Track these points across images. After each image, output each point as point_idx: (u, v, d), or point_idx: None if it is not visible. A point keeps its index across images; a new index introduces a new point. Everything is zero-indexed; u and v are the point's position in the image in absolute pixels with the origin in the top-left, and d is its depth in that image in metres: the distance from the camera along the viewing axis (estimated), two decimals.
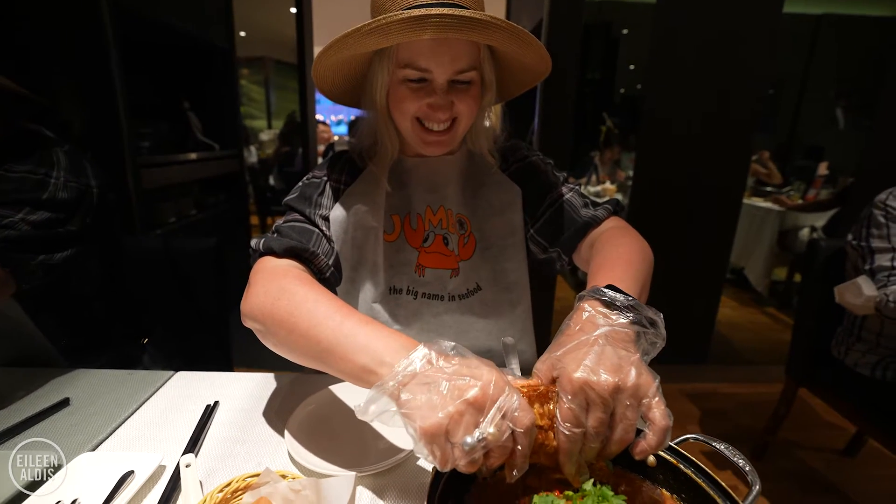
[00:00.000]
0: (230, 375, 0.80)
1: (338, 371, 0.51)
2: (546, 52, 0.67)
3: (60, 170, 0.82)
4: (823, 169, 3.80)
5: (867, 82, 4.21)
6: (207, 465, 0.59)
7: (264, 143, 6.60)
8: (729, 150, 2.17)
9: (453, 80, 0.68)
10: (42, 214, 0.79)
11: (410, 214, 0.80)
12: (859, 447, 1.81)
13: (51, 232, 0.80)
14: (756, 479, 0.45)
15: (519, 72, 0.75)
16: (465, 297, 0.81)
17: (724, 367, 2.49)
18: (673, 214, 2.24)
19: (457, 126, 0.71)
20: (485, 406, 0.38)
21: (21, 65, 1.74)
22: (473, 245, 0.81)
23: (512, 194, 0.81)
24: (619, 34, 5.05)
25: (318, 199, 0.77)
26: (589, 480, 0.45)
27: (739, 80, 2.07)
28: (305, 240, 0.70)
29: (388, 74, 0.69)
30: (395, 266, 0.79)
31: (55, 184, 0.81)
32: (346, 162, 0.81)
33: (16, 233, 0.75)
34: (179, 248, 1.15)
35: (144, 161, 2.07)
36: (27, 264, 0.77)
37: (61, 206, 0.81)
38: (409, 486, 0.56)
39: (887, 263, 1.20)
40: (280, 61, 7.45)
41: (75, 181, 0.84)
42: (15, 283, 0.78)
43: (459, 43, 0.65)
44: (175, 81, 2.74)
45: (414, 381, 0.41)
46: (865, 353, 1.35)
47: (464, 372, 0.40)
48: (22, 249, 0.76)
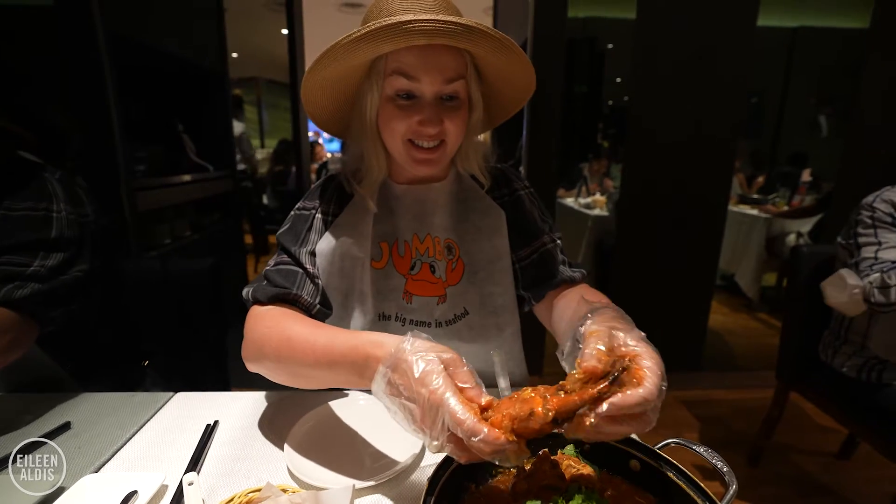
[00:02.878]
0: (229, 395, 0.82)
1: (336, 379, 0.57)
2: (528, 62, 0.70)
3: (60, 202, 0.83)
4: (807, 175, 3.89)
5: (844, 90, 4.34)
6: (209, 482, 0.60)
7: (257, 162, 6.63)
8: (712, 159, 2.24)
9: (441, 97, 0.70)
10: (57, 257, 0.80)
11: (398, 241, 0.81)
12: (853, 450, 1.83)
13: (69, 277, 0.81)
14: (733, 479, 0.48)
15: (505, 88, 0.77)
16: (451, 322, 0.82)
17: (718, 374, 2.51)
18: (660, 222, 2.29)
19: (445, 146, 0.73)
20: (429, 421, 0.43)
21: (16, 90, 1.77)
22: (462, 270, 0.83)
23: (499, 220, 0.83)
24: (605, 49, 5.17)
25: (306, 234, 0.79)
26: (576, 485, 0.47)
27: (719, 92, 2.15)
28: (290, 283, 0.73)
29: (378, 90, 0.70)
30: (384, 292, 0.81)
31: (58, 218, 0.82)
32: (334, 189, 0.83)
33: (44, 286, 0.77)
34: (176, 269, 1.17)
35: (140, 184, 2.09)
36: (50, 315, 0.80)
37: (70, 244, 0.83)
38: (406, 498, 0.57)
39: (871, 255, 1.24)
40: (272, 81, 7.55)
41: (75, 212, 0.85)
42: (38, 331, 0.80)
43: (447, 53, 0.67)
44: (169, 104, 2.78)
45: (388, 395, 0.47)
46: (852, 355, 1.38)
47: (412, 394, 0.44)
48: (46, 300, 0.78)
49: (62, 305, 0.81)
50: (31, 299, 0.76)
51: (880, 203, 1.26)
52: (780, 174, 4.28)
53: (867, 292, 1.20)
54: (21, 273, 0.76)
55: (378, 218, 0.80)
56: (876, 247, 1.24)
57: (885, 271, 1.18)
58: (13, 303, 0.75)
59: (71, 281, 0.82)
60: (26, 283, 0.76)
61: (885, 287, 1.16)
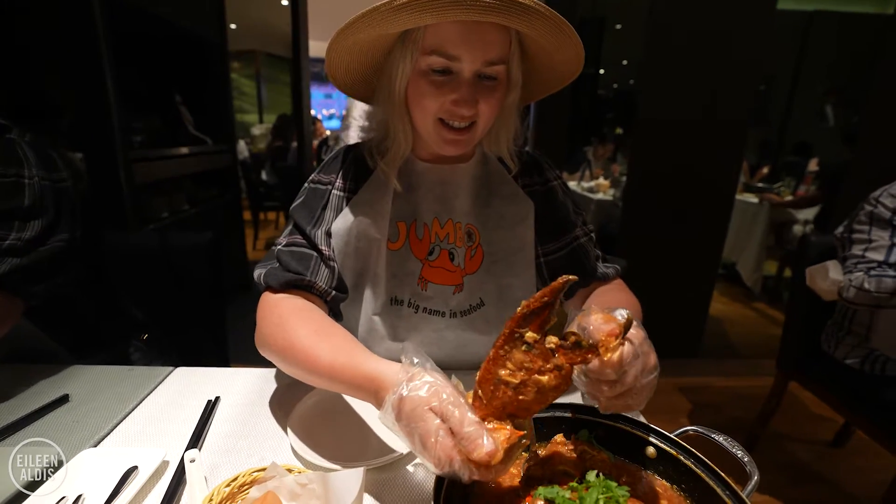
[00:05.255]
0: (230, 371, 0.80)
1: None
2: (582, 48, 0.64)
3: (31, 167, 0.77)
4: (814, 165, 3.85)
5: (858, 78, 4.26)
6: (211, 460, 0.59)
7: (256, 137, 6.53)
8: (722, 145, 2.20)
9: (480, 75, 0.64)
10: (34, 227, 0.75)
11: (417, 222, 0.77)
12: (847, 438, 1.85)
13: (48, 249, 0.77)
14: (755, 469, 0.46)
15: (546, 72, 0.71)
16: (466, 313, 0.79)
17: (716, 361, 2.52)
18: (666, 209, 2.27)
19: (476, 127, 0.68)
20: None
21: (11, 58, 1.71)
22: (480, 258, 0.78)
23: (525, 209, 0.79)
24: (613, 29, 5.06)
25: (321, 212, 0.74)
26: (592, 471, 0.46)
27: (732, 76, 2.09)
28: (304, 268, 0.69)
29: (410, 63, 0.64)
30: (399, 276, 0.76)
31: (30, 185, 0.76)
32: (353, 161, 0.78)
33: (22, 260, 0.73)
34: (174, 243, 1.14)
35: (136, 155, 2.04)
36: (33, 290, 0.76)
37: (46, 212, 0.77)
38: (414, 480, 0.56)
39: (859, 253, 1.26)
40: (271, 55, 7.37)
41: (48, 177, 0.79)
42: (24, 306, 0.77)
43: (493, 31, 0.61)
44: (166, 74, 2.70)
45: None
46: (855, 346, 1.38)
47: (411, 425, 0.42)
48: (26, 275, 0.74)
49: (44, 279, 0.77)
50: (9, 276, 0.72)
51: (886, 198, 1.24)
52: (785, 164, 4.24)
53: (844, 288, 1.24)
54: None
55: (397, 195, 0.75)
56: (865, 245, 1.25)
57: (868, 273, 1.20)
58: None
59: (50, 253, 0.77)
60: (3, 259, 0.72)
61: (861, 290, 1.20)
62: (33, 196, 0.76)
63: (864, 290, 1.19)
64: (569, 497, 0.43)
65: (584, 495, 0.42)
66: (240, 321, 0.73)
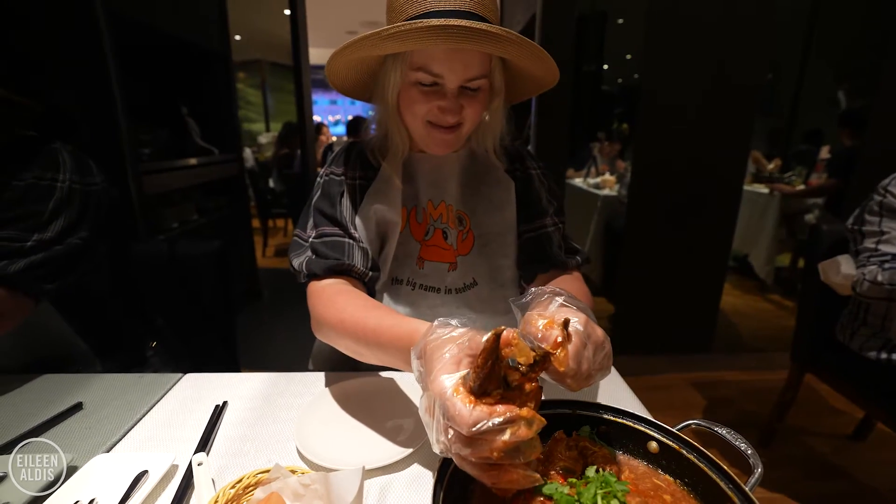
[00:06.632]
0: (238, 376, 0.81)
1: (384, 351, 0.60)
2: (555, 66, 0.71)
3: (67, 171, 0.82)
4: (825, 153, 3.77)
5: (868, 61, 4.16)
6: (218, 462, 0.60)
7: (263, 145, 6.60)
8: (728, 136, 2.17)
9: (463, 87, 0.71)
10: (55, 227, 0.79)
11: (417, 208, 0.83)
12: (868, 431, 1.81)
13: (65, 247, 0.80)
14: (758, 462, 0.46)
15: (527, 80, 0.78)
16: (461, 290, 0.84)
17: (729, 355, 2.49)
18: (673, 202, 2.24)
19: (462, 128, 0.76)
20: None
21: (18, 72, 1.75)
22: (472, 241, 0.84)
23: (509, 192, 0.85)
24: (615, 24, 5.02)
25: (342, 200, 0.80)
26: (592, 467, 0.46)
27: (737, 66, 2.07)
28: (340, 254, 0.75)
29: (399, 76, 0.72)
30: (400, 258, 0.83)
31: (61, 188, 0.81)
32: (357, 156, 0.84)
33: (37, 258, 0.76)
34: (183, 252, 1.16)
35: (145, 167, 2.08)
36: (45, 289, 0.79)
37: (70, 211, 0.81)
38: (416, 480, 0.57)
39: (871, 246, 1.23)
40: (276, 63, 7.45)
41: (81, 181, 0.84)
42: (34, 304, 0.79)
43: (473, 52, 0.68)
44: (172, 87, 2.75)
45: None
46: (871, 337, 1.35)
47: (424, 385, 0.45)
48: (39, 274, 0.77)
49: (58, 277, 0.80)
50: (24, 273, 0.75)
51: (895, 186, 1.22)
52: (797, 152, 4.16)
53: (858, 283, 1.22)
54: (20, 249, 0.75)
55: (400, 186, 0.82)
56: (878, 237, 1.23)
57: (882, 267, 1.17)
58: (5, 278, 0.74)
59: (67, 250, 0.81)
60: (20, 259, 0.75)
61: (875, 283, 1.17)
62: (61, 198, 0.80)
63: (878, 283, 1.17)
64: (567, 493, 0.43)
65: (583, 490, 0.42)
66: (249, 328, 0.74)
